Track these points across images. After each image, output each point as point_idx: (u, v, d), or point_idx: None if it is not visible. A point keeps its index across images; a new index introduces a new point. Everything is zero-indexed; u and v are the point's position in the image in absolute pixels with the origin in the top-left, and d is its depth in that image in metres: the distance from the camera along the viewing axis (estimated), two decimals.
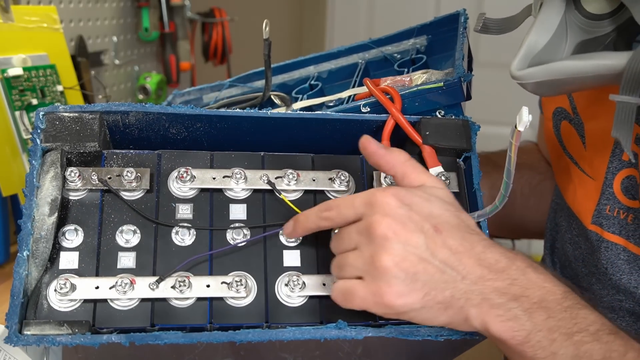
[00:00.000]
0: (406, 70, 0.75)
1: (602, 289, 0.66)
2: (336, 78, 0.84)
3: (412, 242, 0.48)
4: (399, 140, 0.61)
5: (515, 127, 0.47)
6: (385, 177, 0.58)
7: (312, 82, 0.83)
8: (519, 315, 0.48)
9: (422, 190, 0.51)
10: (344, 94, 0.72)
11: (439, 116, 0.62)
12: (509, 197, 0.54)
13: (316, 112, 0.60)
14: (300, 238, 0.56)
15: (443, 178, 0.58)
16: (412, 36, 0.81)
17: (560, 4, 0.52)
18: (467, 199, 0.60)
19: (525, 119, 0.47)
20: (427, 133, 0.60)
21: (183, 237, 0.55)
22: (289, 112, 0.59)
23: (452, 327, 0.50)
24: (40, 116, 0.55)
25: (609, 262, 0.65)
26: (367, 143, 0.54)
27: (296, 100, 0.78)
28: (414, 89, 0.61)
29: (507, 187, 0.52)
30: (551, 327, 0.47)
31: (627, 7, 0.48)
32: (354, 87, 0.76)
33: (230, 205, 0.57)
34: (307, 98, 0.76)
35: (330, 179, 0.58)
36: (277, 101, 0.75)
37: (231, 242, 0.55)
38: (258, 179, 0.57)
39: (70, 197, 0.55)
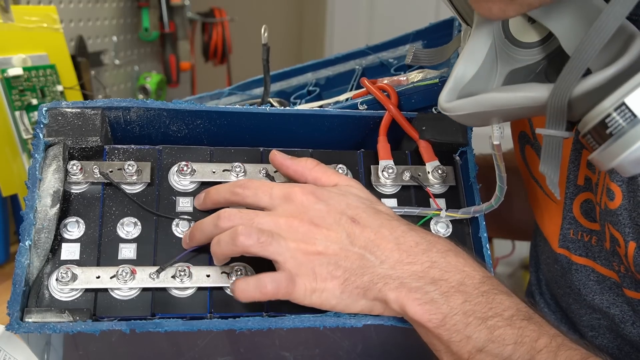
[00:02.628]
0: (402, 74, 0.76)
1: (580, 308, 0.67)
2: (334, 84, 0.86)
3: (332, 236, 0.50)
4: (396, 135, 0.62)
5: (492, 140, 0.50)
6: (382, 171, 0.59)
7: (310, 88, 0.84)
8: (436, 298, 0.49)
9: (337, 188, 0.54)
10: (342, 97, 0.73)
11: (435, 112, 0.63)
12: (507, 199, 0.55)
13: (314, 109, 0.61)
14: None
15: (440, 171, 0.59)
16: (408, 42, 0.83)
17: (488, 34, 0.51)
18: (464, 192, 0.61)
19: (497, 133, 0.50)
20: (424, 128, 0.61)
21: (183, 229, 0.55)
22: (288, 108, 0.60)
23: (373, 313, 0.51)
24: (44, 111, 0.56)
25: (580, 284, 0.65)
26: (273, 157, 0.57)
27: (294, 105, 0.80)
28: (410, 85, 0.63)
29: (502, 191, 0.54)
30: (466, 310, 0.48)
31: (555, 36, 0.48)
32: (351, 91, 0.77)
33: None
34: (306, 103, 0.78)
35: None
36: (275, 105, 0.76)
37: None
38: (257, 172, 0.58)
39: (72, 190, 0.56)
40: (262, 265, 0.53)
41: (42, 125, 0.56)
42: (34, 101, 0.82)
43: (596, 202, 0.60)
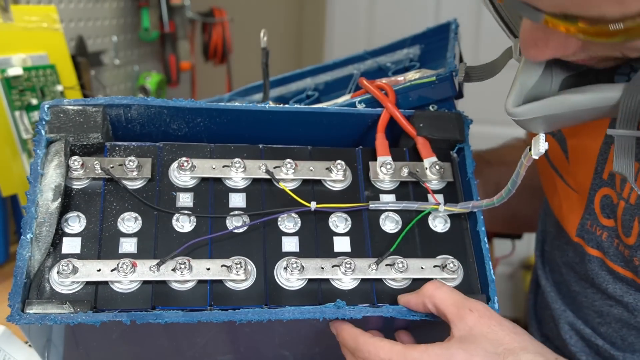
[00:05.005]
0: None
1: (595, 293, 0.67)
2: (333, 89, 0.87)
3: None
4: (394, 133, 0.63)
5: (530, 151, 0.47)
6: (381, 167, 0.60)
7: (309, 92, 0.85)
8: None
9: (463, 350, 0.50)
10: (340, 100, 0.74)
11: (432, 110, 0.64)
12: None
13: (313, 106, 0.62)
14: (299, 225, 0.57)
15: (437, 167, 0.60)
16: (405, 46, 0.84)
17: None
18: (462, 188, 0.61)
19: (542, 146, 0.46)
20: (421, 125, 0.61)
21: (183, 224, 0.56)
22: (287, 105, 0.61)
23: None
24: (45, 108, 0.57)
25: (593, 273, 0.66)
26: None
27: None
28: (407, 84, 0.63)
29: (508, 193, 0.53)
30: None
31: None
32: (349, 94, 0.78)
33: (230, 194, 0.58)
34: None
35: (327, 168, 0.59)
36: None
37: (230, 228, 0.56)
38: (257, 168, 0.58)
39: (73, 186, 0.56)
40: None
41: (44, 122, 0.56)
42: (34, 101, 0.83)
43: (620, 198, 0.60)
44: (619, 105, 0.45)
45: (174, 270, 0.53)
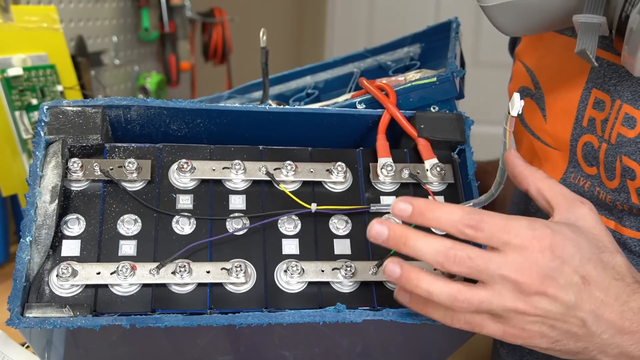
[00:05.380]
0: None
1: None
2: (333, 87, 0.87)
3: (559, 298, 0.47)
4: (395, 134, 0.63)
5: (509, 113, 0.49)
6: (381, 168, 0.59)
7: (309, 90, 0.85)
8: None
9: (571, 230, 0.49)
10: (340, 99, 0.74)
11: (433, 111, 0.63)
12: (499, 200, 0.55)
13: (313, 107, 0.62)
14: (299, 227, 0.57)
15: (438, 169, 0.60)
16: (406, 44, 0.84)
17: None
18: (463, 189, 0.61)
19: (518, 104, 0.48)
20: (422, 126, 0.61)
21: (183, 226, 0.55)
22: (287, 107, 0.61)
23: None
24: (45, 110, 0.57)
25: None
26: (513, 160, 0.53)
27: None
28: (408, 84, 0.63)
29: (502, 174, 0.53)
30: None
31: None
32: (349, 92, 0.78)
33: (230, 196, 0.58)
34: (304, 105, 0.78)
35: (327, 170, 0.59)
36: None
37: (231, 230, 0.56)
38: (257, 170, 0.58)
39: (72, 188, 0.56)
40: None
41: (43, 124, 0.56)
42: (34, 101, 0.83)
43: (602, 140, 0.61)
44: None
45: (173, 273, 0.52)
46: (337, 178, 0.59)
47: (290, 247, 0.56)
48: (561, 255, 0.47)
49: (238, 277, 0.53)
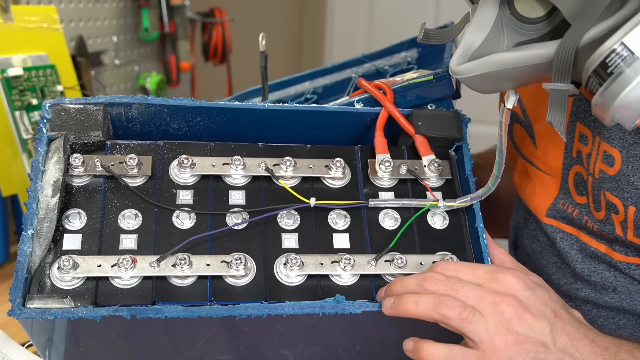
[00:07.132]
0: None
1: (561, 277, 0.70)
2: (331, 93, 0.87)
3: (536, 327, 0.49)
4: (393, 132, 0.64)
5: (504, 105, 0.50)
6: (379, 164, 0.60)
7: (308, 96, 0.86)
8: None
9: (535, 277, 0.53)
10: (339, 102, 0.75)
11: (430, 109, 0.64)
12: (494, 196, 0.56)
13: (312, 105, 0.63)
14: (299, 221, 0.58)
15: (436, 165, 0.60)
16: (403, 49, 0.85)
17: (494, 5, 0.53)
18: (460, 185, 0.62)
19: (513, 98, 0.50)
20: (420, 123, 0.62)
21: (183, 221, 0.56)
22: (286, 105, 0.61)
23: None
24: (47, 107, 0.57)
25: (564, 252, 0.68)
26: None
27: None
28: (405, 83, 0.64)
29: (499, 167, 0.54)
30: None
31: (560, 9, 0.49)
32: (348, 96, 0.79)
33: (230, 191, 0.58)
34: None
35: (326, 166, 0.60)
36: None
37: (230, 225, 0.56)
38: (256, 166, 0.59)
39: (74, 184, 0.56)
40: None
41: (45, 121, 0.57)
42: (34, 101, 0.83)
43: (588, 173, 0.62)
44: (553, 60, 0.47)
45: (174, 266, 0.53)
46: (336, 174, 0.59)
47: (290, 241, 0.57)
48: (533, 288, 0.51)
49: (238, 270, 0.53)
